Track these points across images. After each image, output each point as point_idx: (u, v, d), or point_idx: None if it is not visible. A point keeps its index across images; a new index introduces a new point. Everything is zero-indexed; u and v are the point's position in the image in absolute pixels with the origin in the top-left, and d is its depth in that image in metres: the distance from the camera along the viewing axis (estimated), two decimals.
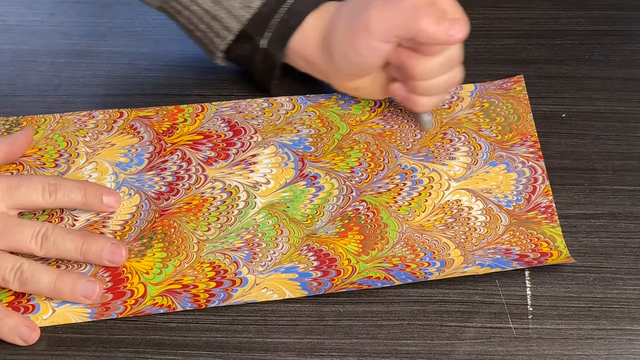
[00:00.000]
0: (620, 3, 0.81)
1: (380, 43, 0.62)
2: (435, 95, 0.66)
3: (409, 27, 0.60)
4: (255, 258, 0.61)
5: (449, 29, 0.60)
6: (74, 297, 0.58)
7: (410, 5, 0.60)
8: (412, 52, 0.63)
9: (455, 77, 0.65)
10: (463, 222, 0.63)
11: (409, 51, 0.63)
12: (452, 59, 0.64)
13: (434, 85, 0.65)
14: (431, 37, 0.60)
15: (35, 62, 0.77)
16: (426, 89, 0.65)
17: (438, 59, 0.63)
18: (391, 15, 0.61)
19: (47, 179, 0.61)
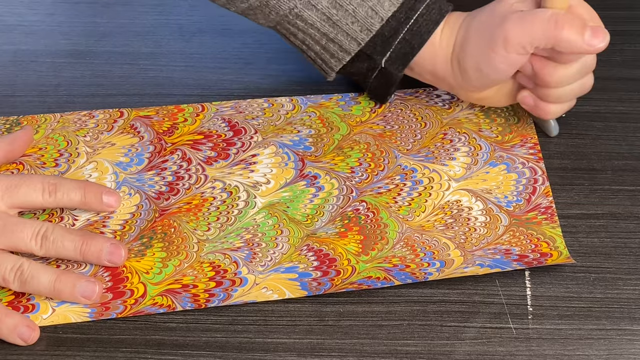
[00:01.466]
0: (620, 3, 0.81)
1: (518, 56, 0.61)
2: (565, 102, 0.65)
3: (550, 38, 0.59)
4: (255, 258, 0.61)
5: (591, 38, 0.59)
6: (73, 297, 0.58)
7: (549, 16, 0.60)
8: (546, 60, 0.62)
9: (586, 83, 0.65)
10: (463, 223, 0.62)
11: (543, 60, 0.62)
12: (587, 66, 0.63)
13: (565, 93, 0.64)
14: (574, 46, 0.59)
15: (35, 62, 0.77)
16: (557, 96, 0.64)
17: (574, 66, 0.62)
18: (531, 27, 0.60)
19: (47, 179, 0.61)
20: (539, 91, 0.64)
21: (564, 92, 0.64)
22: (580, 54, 0.61)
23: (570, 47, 0.60)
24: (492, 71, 0.63)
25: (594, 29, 0.59)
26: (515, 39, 0.60)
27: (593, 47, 0.60)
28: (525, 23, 0.60)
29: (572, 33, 0.59)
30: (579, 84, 0.64)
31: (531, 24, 0.60)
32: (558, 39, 0.59)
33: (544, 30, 0.59)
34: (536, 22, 0.60)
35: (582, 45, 0.59)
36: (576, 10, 0.61)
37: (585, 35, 0.59)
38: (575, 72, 0.63)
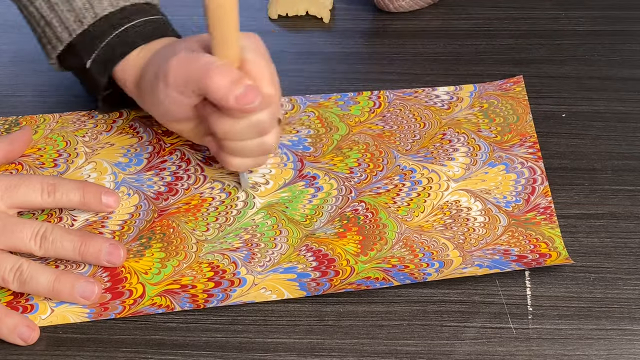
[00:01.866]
0: (620, 3, 0.81)
1: (179, 94, 0.58)
2: (247, 157, 0.61)
3: (201, 85, 0.56)
4: (253, 258, 0.61)
5: (242, 94, 0.56)
6: (72, 298, 0.58)
7: (205, 61, 0.57)
8: (215, 109, 0.59)
9: (266, 143, 0.60)
10: (462, 223, 0.62)
11: (212, 107, 0.59)
12: (260, 125, 0.59)
13: (240, 148, 0.60)
14: (222, 99, 0.56)
15: (35, 62, 0.77)
16: (232, 149, 0.60)
17: (242, 122, 0.58)
18: (188, 69, 0.57)
19: (46, 179, 0.61)
20: (217, 140, 0.61)
21: (238, 146, 0.60)
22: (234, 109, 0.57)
23: (219, 99, 0.56)
24: (160, 105, 0.60)
25: (247, 87, 0.56)
26: (173, 76, 0.58)
27: (240, 105, 0.56)
28: (185, 64, 0.57)
29: (220, 85, 0.56)
30: (256, 143, 0.60)
31: (189, 66, 0.57)
32: (207, 88, 0.56)
33: (196, 75, 0.57)
34: (193, 65, 0.57)
35: (228, 100, 0.56)
36: (247, 66, 0.57)
37: (236, 90, 0.56)
38: (244, 128, 0.58)
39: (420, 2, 0.81)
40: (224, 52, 0.57)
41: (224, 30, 0.56)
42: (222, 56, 0.57)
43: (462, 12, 0.82)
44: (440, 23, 0.81)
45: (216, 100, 0.57)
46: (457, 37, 0.79)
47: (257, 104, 0.56)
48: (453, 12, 0.82)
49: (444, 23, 0.81)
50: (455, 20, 0.81)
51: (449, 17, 0.81)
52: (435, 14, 0.82)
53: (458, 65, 0.76)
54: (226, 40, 0.56)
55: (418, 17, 0.81)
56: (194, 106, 0.60)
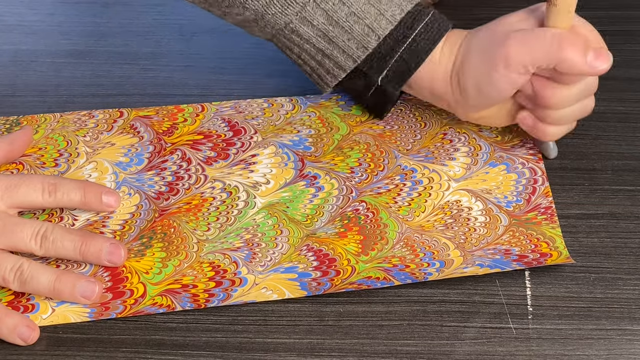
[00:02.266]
0: (621, 3, 0.81)
1: (519, 75, 0.60)
2: (565, 124, 0.64)
3: (553, 58, 0.58)
4: (254, 258, 0.61)
5: (594, 59, 0.58)
6: (73, 298, 0.58)
7: (552, 35, 0.58)
8: (547, 80, 0.61)
9: (587, 105, 0.63)
10: (463, 223, 0.62)
11: (544, 80, 0.61)
12: (589, 88, 0.62)
13: (565, 115, 0.62)
14: (576, 67, 0.58)
15: (35, 62, 0.77)
16: (557, 118, 0.62)
17: (575, 87, 0.61)
18: (533, 46, 0.59)
19: (47, 179, 0.61)
20: (538, 112, 0.63)
21: (564, 113, 0.62)
22: (582, 76, 0.60)
23: (572, 68, 0.58)
24: (492, 90, 0.61)
25: (596, 50, 0.58)
26: (516, 58, 0.59)
27: (595, 69, 0.58)
28: (526, 42, 0.59)
29: (574, 54, 0.58)
30: (579, 106, 0.62)
31: (533, 43, 0.59)
32: (560, 60, 0.58)
33: (545, 50, 0.58)
34: (538, 41, 0.59)
35: (584, 67, 0.58)
36: (579, 31, 0.60)
37: (588, 56, 0.58)
38: (576, 94, 0.61)
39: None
40: (565, 21, 0.59)
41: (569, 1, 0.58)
42: (562, 25, 0.59)
43: (463, 12, 0.81)
44: None
45: (569, 69, 0.58)
46: None
47: (608, 65, 0.58)
48: (454, 12, 0.81)
49: None
50: (455, 20, 0.80)
51: (450, 17, 0.81)
52: None
53: None
54: (569, 9, 0.58)
55: None
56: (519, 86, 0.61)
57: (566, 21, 0.59)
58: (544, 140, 0.66)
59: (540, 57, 0.59)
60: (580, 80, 0.60)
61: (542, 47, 0.58)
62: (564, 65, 0.58)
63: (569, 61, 0.58)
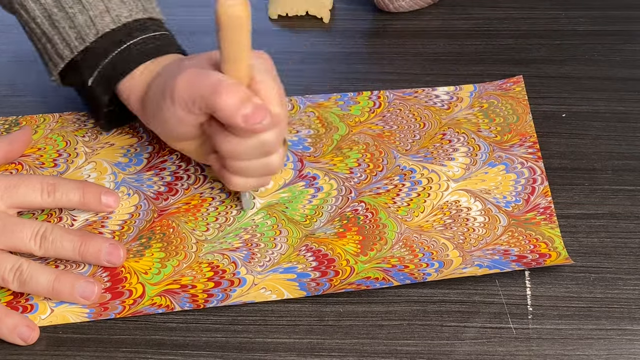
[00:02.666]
0: (620, 3, 0.81)
1: (184, 112, 0.57)
2: (250, 177, 0.60)
3: (209, 102, 0.55)
4: (253, 258, 0.61)
5: (250, 114, 0.54)
6: (72, 298, 0.58)
7: (215, 80, 0.55)
8: (221, 128, 0.57)
9: (271, 164, 0.59)
10: (462, 223, 0.62)
11: (218, 126, 0.57)
12: (266, 145, 0.57)
13: (245, 168, 0.59)
14: (229, 118, 0.55)
15: (35, 62, 0.76)
16: (237, 169, 0.59)
17: (248, 141, 0.57)
18: (196, 86, 0.56)
19: (46, 179, 0.61)
20: (220, 159, 0.60)
21: (244, 166, 0.59)
22: (241, 128, 0.55)
23: (227, 118, 0.55)
24: (165, 123, 0.59)
25: (256, 107, 0.54)
26: (179, 94, 0.56)
27: (249, 124, 0.54)
28: (193, 81, 0.56)
29: (229, 103, 0.54)
30: (261, 163, 0.59)
31: (197, 83, 0.55)
32: (215, 106, 0.55)
33: (204, 93, 0.55)
34: (201, 82, 0.55)
35: (237, 119, 0.54)
36: (257, 88, 0.56)
37: (244, 109, 0.54)
38: (250, 148, 0.57)
39: (420, 2, 0.81)
40: (234, 70, 0.56)
41: (235, 48, 0.55)
42: (232, 74, 0.56)
43: (462, 12, 0.82)
44: (440, 23, 0.81)
45: (224, 119, 0.55)
46: (457, 37, 0.79)
47: (265, 124, 0.55)
48: (453, 12, 0.82)
49: (444, 23, 0.81)
50: (455, 20, 0.81)
51: (449, 17, 0.81)
52: (435, 14, 0.82)
53: (458, 65, 0.76)
54: (237, 59, 0.55)
55: (418, 17, 0.81)
56: (199, 124, 0.58)
57: (238, 72, 0.56)
58: (232, 190, 0.63)
59: (199, 97, 0.55)
60: (253, 135, 0.56)
61: (202, 89, 0.55)
62: (219, 113, 0.55)
63: (222, 110, 0.54)
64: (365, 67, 0.76)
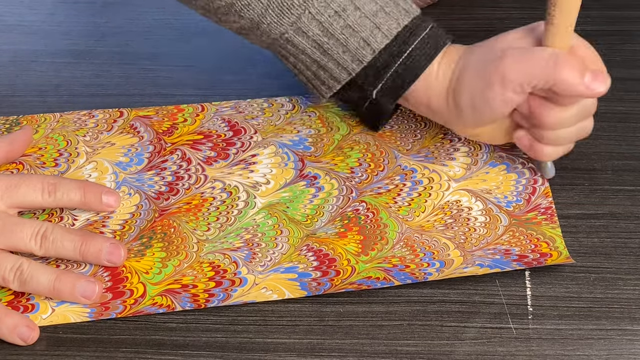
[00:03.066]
0: (620, 3, 0.81)
1: (515, 94, 0.58)
2: (562, 145, 0.62)
3: (549, 78, 0.57)
4: (254, 258, 0.61)
5: (591, 81, 0.57)
6: (73, 297, 0.58)
7: (549, 55, 0.57)
8: (544, 100, 0.59)
9: (585, 127, 0.62)
10: (463, 223, 0.62)
11: (540, 100, 0.59)
12: (586, 110, 0.60)
13: (562, 136, 0.61)
14: (572, 89, 0.57)
15: (35, 62, 0.77)
16: (553, 138, 0.61)
17: (572, 109, 0.59)
18: (529, 65, 0.57)
19: (47, 178, 0.61)
20: (535, 132, 0.61)
21: (561, 134, 0.61)
22: (579, 97, 0.59)
23: (569, 90, 0.57)
24: (487, 109, 0.60)
25: (594, 72, 0.57)
26: (512, 77, 0.58)
27: (592, 91, 0.57)
28: (523, 61, 0.57)
29: (571, 75, 0.56)
30: (577, 128, 0.61)
31: (530, 62, 0.57)
32: (557, 80, 0.57)
33: (542, 70, 0.57)
34: (535, 60, 0.57)
35: (581, 88, 0.57)
36: (578, 52, 0.58)
37: (585, 78, 0.57)
38: (573, 115, 0.60)
39: (420, 2, 0.81)
40: (563, 40, 0.57)
41: (569, 19, 0.56)
42: (560, 45, 0.58)
43: (462, 12, 0.81)
44: (440, 23, 0.80)
45: (566, 91, 0.57)
46: (457, 37, 0.79)
47: (605, 87, 0.57)
48: (453, 12, 0.82)
49: (444, 23, 0.80)
50: (455, 20, 0.81)
51: (449, 17, 0.81)
52: (435, 14, 0.81)
53: None
54: (568, 29, 0.57)
55: None
56: (515, 105, 0.60)
57: (564, 41, 0.58)
58: (541, 160, 0.64)
59: (536, 77, 0.57)
60: (578, 102, 0.59)
61: (538, 67, 0.57)
62: (560, 86, 0.57)
63: (565, 82, 0.57)
64: None
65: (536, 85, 0.58)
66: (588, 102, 0.60)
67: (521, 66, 0.57)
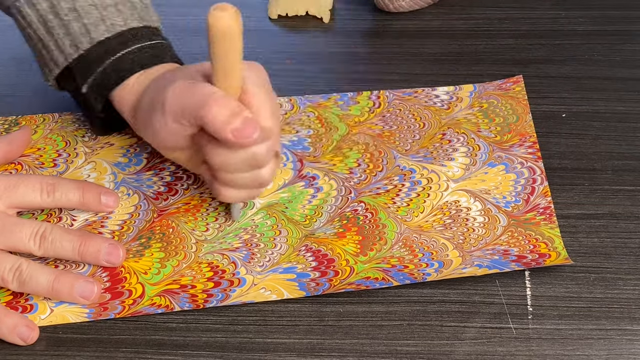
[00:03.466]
0: (620, 3, 0.81)
1: (176, 125, 0.56)
2: (240, 189, 0.59)
3: (197, 114, 0.54)
4: (253, 258, 0.61)
5: (239, 128, 0.53)
6: (72, 298, 0.58)
7: (207, 91, 0.54)
8: (211, 138, 0.56)
9: (261, 176, 0.58)
10: (461, 223, 0.62)
11: (208, 137, 0.56)
12: (256, 158, 0.56)
13: (235, 180, 0.58)
14: (219, 131, 0.54)
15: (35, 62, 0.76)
16: (227, 180, 0.58)
17: (238, 154, 0.56)
18: (186, 98, 0.55)
19: (45, 179, 0.61)
20: (212, 169, 0.59)
21: (233, 178, 0.58)
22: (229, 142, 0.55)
23: (216, 132, 0.54)
24: (155, 134, 0.58)
25: (245, 120, 0.53)
26: (170, 105, 0.56)
27: (240, 139, 0.53)
28: (184, 92, 0.55)
29: (219, 117, 0.53)
30: (251, 175, 0.58)
31: (187, 95, 0.55)
32: (204, 119, 0.54)
33: (194, 105, 0.54)
34: (191, 94, 0.55)
35: (226, 132, 0.53)
36: (248, 100, 0.55)
37: (234, 123, 0.53)
38: (239, 161, 0.56)
39: (420, 2, 0.81)
40: (225, 82, 0.55)
41: (226, 60, 0.53)
42: (223, 86, 0.55)
43: (462, 12, 0.82)
44: (440, 23, 0.81)
45: (213, 132, 0.54)
46: (457, 37, 0.79)
47: (254, 138, 0.54)
48: (453, 12, 0.82)
49: (444, 23, 0.81)
50: (455, 20, 0.81)
51: (449, 17, 0.81)
52: (435, 14, 0.82)
53: (458, 65, 0.76)
54: (228, 70, 0.54)
55: (418, 17, 0.81)
56: (190, 136, 0.58)
57: (228, 82, 0.54)
58: (221, 201, 0.62)
59: (187, 110, 0.55)
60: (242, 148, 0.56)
61: (192, 101, 0.55)
62: (207, 126, 0.54)
63: (211, 123, 0.54)
64: (365, 67, 0.76)
65: (190, 120, 0.55)
66: (257, 151, 0.56)
67: (179, 97, 0.55)
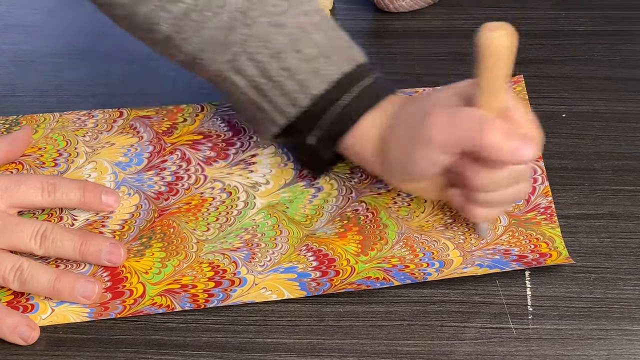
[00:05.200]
0: (620, 3, 0.81)
1: (442, 155, 0.55)
2: (495, 207, 0.59)
3: (475, 142, 0.53)
4: (254, 258, 0.61)
5: (518, 147, 0.53)
6: (73, 297, 0.58)
7: (477, 117, 0.54)
8: (474, 162, 0.56)
9: (519, 191, 0.59)
10: (462, 223, 0.62)
11: (470, 161, 0.56)
12: (519, 174, 0.57)
13: (494, 198, 0.58)
14: (498, 154, 0.53)
15: (35, 62, 0.77)
16: (486, 200, 0.58)
17: (503, 172, 0.56)
18: (456, 127, 0.54)
19: (46, 178, 0.61)
20: (467, 192, 0.58)
21: (493, 197, 0.58)
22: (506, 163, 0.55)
23: (494, 155, 0.53)
24: (415, 167, 0.57)
25: (522, 139, 0.53)
26: (438, 136, 0.54)
27: (518, 158, 0.53)
28: (451, 121, 0.54)
29: (497, 140, 0.53)
30: (511, 192, 0.58)
31: (457, 122, 0.54)
32: (482, 144, 0.53)
33: (468, 133, 0.54)
34: (463, 120, 0.54)
35: (507, 155, 0.53)
36: (510, 114, 0.55)
37: (511, 144, 0.53)
38: (504, 178, 0.56)
39: (420, 2, 0.81)
40: (493, 102, 0.54)
41: (497, 81, 0.53)
42: (489, 107, 0.54)
43: (462, 12, 0.82)
44: (440, 23, 0.81)
45: (490, 156, 0.54)
46: (457, 37, 0.79)
47: (532, 155, 0.53)
48: (453, 12, 0.82)
49: (444, 23, 0.81)
50: (455, 20, 0.81)
51: (449, 17, 0.81)
52: (435, 14, 0.82)
53: (458, 65, 0.76)
54: (497, 90, 0.53)
55: (418, 17, 0.81)
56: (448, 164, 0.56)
57: (495, 103, 0.54)
58: (474, 222, 0.62)
59: (463, 138, 0.54)
60: (508, 166, 0.56)
61: (464, 129, 0.54)
62: (486, 150, 0.53)
63: (490, 147, 0.53)
64: None
65: (463, 148, 0.55)
66: (520, 166, 0.57)
67: (447, 128, 0.54)
